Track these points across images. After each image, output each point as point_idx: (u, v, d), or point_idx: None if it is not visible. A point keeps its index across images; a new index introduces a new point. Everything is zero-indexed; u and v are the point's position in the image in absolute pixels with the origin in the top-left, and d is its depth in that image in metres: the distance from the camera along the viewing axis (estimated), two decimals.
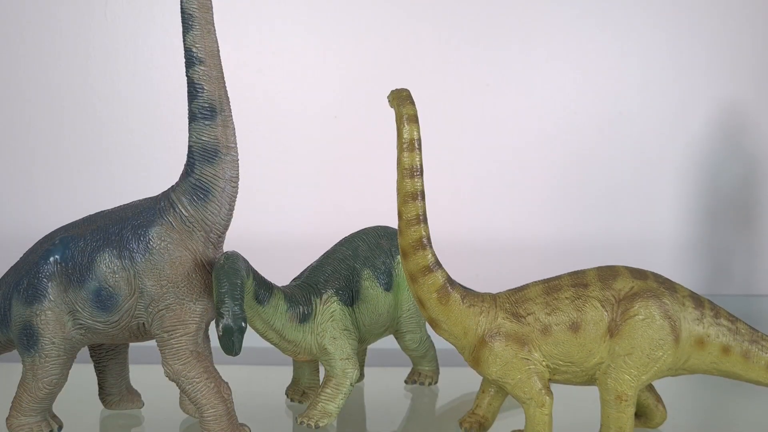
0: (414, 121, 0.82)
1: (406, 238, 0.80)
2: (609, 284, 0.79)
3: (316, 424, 0.87)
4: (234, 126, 0.79)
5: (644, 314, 0.77)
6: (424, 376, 1.06)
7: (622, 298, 0.78)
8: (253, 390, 1.01)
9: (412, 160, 0.81)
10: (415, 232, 0.80)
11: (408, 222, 0.80)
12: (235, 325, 0.74)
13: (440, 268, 0.81)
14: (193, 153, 0.78)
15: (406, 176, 0.81)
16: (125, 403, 0.92)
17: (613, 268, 0.82)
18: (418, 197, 0.81)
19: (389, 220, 1.04)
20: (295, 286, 0.91)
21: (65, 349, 0.79)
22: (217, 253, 0.81)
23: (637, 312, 0.77)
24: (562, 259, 1.63)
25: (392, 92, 0.85)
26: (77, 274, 0.78)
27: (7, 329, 0.82)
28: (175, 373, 0.78)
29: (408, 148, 0.81)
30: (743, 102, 1.66)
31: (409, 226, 0.80)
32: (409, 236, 0.80)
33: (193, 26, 0.76)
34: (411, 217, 0.80)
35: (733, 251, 1.69)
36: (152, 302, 0.77)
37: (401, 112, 0.82)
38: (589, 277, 0.80)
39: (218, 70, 0.78)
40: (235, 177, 0.79)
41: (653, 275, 0.82)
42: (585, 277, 0.80)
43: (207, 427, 0.79)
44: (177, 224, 0.78)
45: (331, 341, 0.89)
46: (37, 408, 0.80)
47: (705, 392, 1.06)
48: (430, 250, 0.80)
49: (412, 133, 0.82)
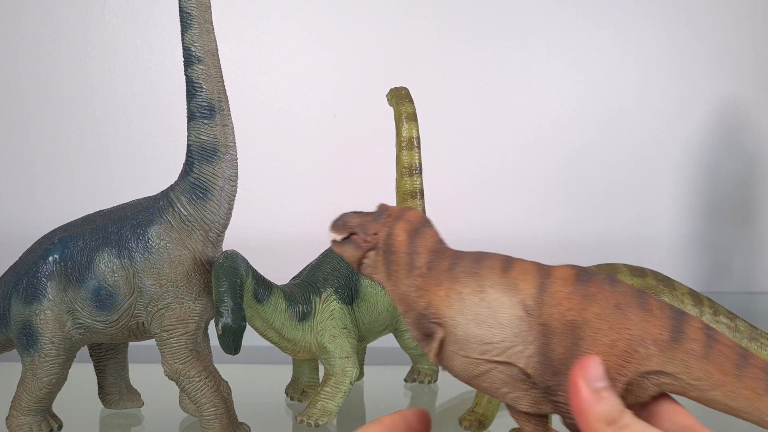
0: (413, 120, 0.82)
1: None
2: None
3: (315, 422, 0.87)
4: (233, 125, 0.79)
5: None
6: (424, 375, 1.06)
7: None
8: (252, 389, 1.01)
9: (411, 159, 0.81)
10: None
11: None
12: (235, 324, 0.74)
13: None
14: (192, 152, 0.78)
15: (405, 174, 0.81)
16: (125, 402, 0.92)
17: (612, 265, 0.83)
18: (417, 195, 0.81)
19: None
20: (294, 284, 0.91)
21: (65, 348, 0.79)
22: (216, 252, 0.81)
23: None
24: (561, 256, 1.63)
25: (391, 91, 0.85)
26: (76, 274, 0.78)
27: (7, 329, 0.82)
28: (174, 372, 0.78)
29: (407, 146, 0.81)
30: (742, 100, 1.66)
31: None
32: None
33: (191, 25, 0.76)
34: None
35: (732, 248, 1.70)
36: (151, 301, 0.77)
37: (400, 110, 0.82)
38: None
39: (217, 69, 0.78)
40: (234, 176, 0.79)
41: (652, 273, 0.82)
42: None
43: (207, 425, 0.79)
44: (176, 223, 0.78)
45: (330, 340, 0.89)
46: (37, 407, 0.80)
47: None
48: None
49: (410, 132, 0.82)
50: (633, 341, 0.52)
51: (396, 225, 0.58)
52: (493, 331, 0.53)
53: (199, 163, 0.78)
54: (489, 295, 0.54)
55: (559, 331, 0.53)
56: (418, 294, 0.56)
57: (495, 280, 0.54)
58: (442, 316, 0.54)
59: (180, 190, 0.79)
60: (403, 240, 0.57)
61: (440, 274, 0.55)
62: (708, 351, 0.52)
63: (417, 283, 0.56)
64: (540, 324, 0.53)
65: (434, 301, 0.55)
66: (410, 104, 0.83)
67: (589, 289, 0.53)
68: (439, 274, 0.55)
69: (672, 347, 0.52)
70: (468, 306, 0.54)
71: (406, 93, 0.84)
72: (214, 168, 0.78)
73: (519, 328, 0.53)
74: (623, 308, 0.52)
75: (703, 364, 0.52)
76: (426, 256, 0.56)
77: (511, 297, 0.54)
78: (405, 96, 0.83)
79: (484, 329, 0.53)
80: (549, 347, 0.53)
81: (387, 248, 0.57)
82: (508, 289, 0.54)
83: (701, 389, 0.52)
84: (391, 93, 0.84)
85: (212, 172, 0.78)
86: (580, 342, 0.52)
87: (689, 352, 0.52)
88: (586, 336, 0.52)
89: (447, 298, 0.54)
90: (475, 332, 0.54)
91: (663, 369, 0.52)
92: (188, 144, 0.78)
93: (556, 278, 0.54)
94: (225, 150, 0.78)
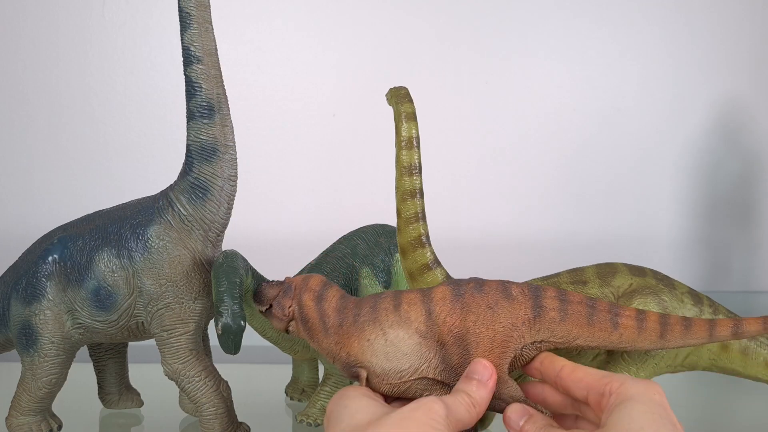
0: (412, 119, 0.82)
1: (405, 236, 0.80)
2: (608, 281, 0.79)
3: (315, 422, 0.87)
4: (232, 124, 0.79)
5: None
6: None
7: (621, 295, 0.78)
8: (252, 388, 1.01)
9: (411, 158, 0.81)
10: (414, 230, 0.80)
11: (407, 220, 0.80)
12: (235, 323, 0.73)
13: (439, 266, 0.81)
14: (191, 152, 0.78)
15: (405, 174, 0.81)
16: (124, 402, 0.92)
17: (612, 265, 0.82)
18: (417, 195, 0.80)
19: (388, 218, 1.04)
20: None
21: (64, 348, 0.79)
22: (215, 251, 0.81)
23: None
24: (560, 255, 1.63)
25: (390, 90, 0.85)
26: (76, 274, 0.78)
27: (7, 329, 0.81)
28: (174, 372, 0.78)
29: (407, 146, 0.81)
30: (741, 99, 1.66)
31: (408, 224, 0.80)
32: (408, 234, 0.80)
33: (191, 24, 0.76)
34: (410, 215, 0.80)
35: (731, 248, 1.70)
36: (151, 301, 0.77)
37: (399, 110, 0.82)
38: (588, 275, 0.80)
39: (216, 68, 0.78)
40: (233, 175, 0.79)
41: (652, 272, 0.82)
42: (584, 275, 0.80)
43: (206, 425, 0.79)
44: (176, 223, 0.78)
45: None
46: (37, 407, 0.80)
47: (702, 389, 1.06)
48: (429, 248, 0.80)
49: (410, 131, 0.82)
50: (506, 330, 0.67)
51: (303, 296, 0.71)
52: (402, 361, 0.68)
53: (198, 162, 0.78)
54: (389, 335, 0.68)
55: (450, 343, 0.67)
56: (338, 348, 0.69)
57: (391, 320, 0.68)
58: (361, 361, 0.68)
59: (179, 190, 0.79)
60: (312, 308, 0.70)
61: (349, 329, 0.69)
62: (563, 315, 0.68)
63: (334, 339, 0.69)
64: (435, 341, 0.68)
65: (351, 351, 0.68)
66: (410, 104, 0.82)
67: (464, 300, 0.68)
68: (348, 328, 0.69)
69: (537, 321, 0.68)
70: (377, 349, 0.68)
71: (405, 92, 0.84)
72: (213, 168, 0.78)
73: (420, 352, 0.68)
74: (493, 307, 0.67)
75: (561, 326, 0.68)
76: (334, 317, 0.70)
77: (407, 329, 0.68)
78: (405, 95, 0.83)
79: (394, 362, 0.68)
80: (447, 357, 0.67)
81: (301, 318, 0.71)
82: (403, 324, 0.68)
83: (566, 343, 0.68)
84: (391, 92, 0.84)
85: (212, 172, 0.78)
86: (468, 347, 0.67)
87: (550, 321, 0.68)
88: (471, 341, 0.67)
89: (360, 348, 0.68)
90: (389, 366, 0.68)
91: (534, 339, 0.68)
92: (188, 144, 0.78)
93: (437, 300, 0.68)
94: (224, 150, 0.78)
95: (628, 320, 0.68)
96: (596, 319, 0.68)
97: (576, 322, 0.68)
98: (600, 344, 0.69)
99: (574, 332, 0.68)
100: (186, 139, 0.78)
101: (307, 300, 0.71)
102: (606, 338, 0.69)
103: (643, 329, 0.68)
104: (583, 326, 0.68)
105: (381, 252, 0.96)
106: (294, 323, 0.72)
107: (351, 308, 0.70)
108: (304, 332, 0.71)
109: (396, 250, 0.96)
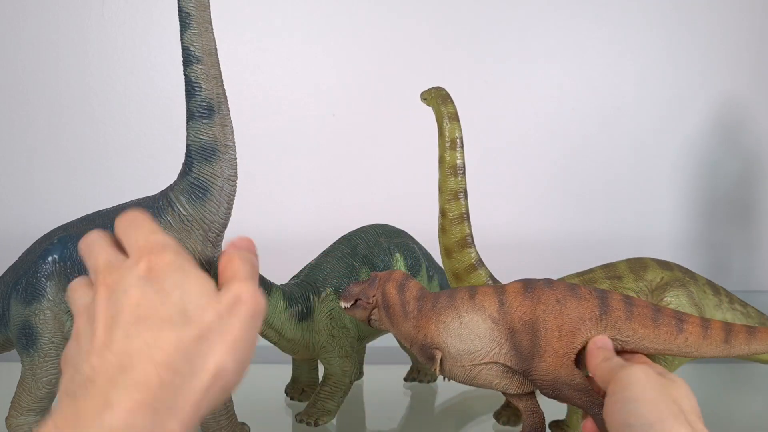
0: (455, 120, 0.83)
1: (450, 236, 0.82)
2: (641, 275, 0.82)
3: (315, 422, 0.87)
4: (232, 124, 0.79)
5: (676, 303, 0.80)
6: (424, 374, 1.06)
7: (654, 288, 0.81)
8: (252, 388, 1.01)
9: (455, 159, 0.82)
10: (460, 231, 0.81)
11: (453, 220, 0.81)
12: None
13: (483, 266, 0.82)
14: (191, 152, 0.78)
15: (450, 174, 0.82)
16: None
17: (641, 259, 0.85)
18: (462, 195, 0.82)
19: (388, 218, 1.04)
20: (293, 284, 0.91)
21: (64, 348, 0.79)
22: (215, 252, 0.81)
23: (670, 302, 0.80)
24: (559, 255, 1.63)
25: (430, 90, 0.86)
26: (76, 274, 0.78)
27: (6, 329, 0.81)
28: None
29: (451, 146, 0.83)
30: (741, 98, 1.66)
31: (454, 224, 0.81)
32: (455, 234, 0.81)
33: (190, 24, 0.76)
34: (456, 215, 0.81)
35: (731, 247, 1.70)
36: None
37: (442, 111, 0.83)
38: (621, 269, 0.83)
39: (216, 68, 0.78)
40: (233, 175, 0.79)
41: (676, 266, 0.86)
42: (617, 270, 0.83)
43: (206, 425, 0.79)
44: (175, 223, 0.78)
45: (329, 339, 0.89)
46: (37, 407, 0.80)
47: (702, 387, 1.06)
48: (474, 248, 0.82)
49: (454, 132, 0.83)
50: (574, 323, 0.70)
51: (387, 285, 0.76)
52: (474, 343, 0.72)
53: (198, 162, 0.78)
54: (464, 318, 0.72)
55: (521, 330, 0.71)
56: (416, 331, 0.74)
57: (467, 306, 0.73)
58: (437, 343, 0.73)
59: (179, 190, 0.79)
60: (395, 295, 0.76)
61: (428, 313, 0.73)
62: (629, 314, 0.71)
63: (413, 323, 0.74)
64: (507, 328, 0.71)
65: (429, 333, 0.73)
66: (452, 104, 0.84)
67: (535, 293, 0.72)
68: (427, 313, 0.74)
69: (603, 319, 0.70)
70: (453, 330, 0.72)
71: (446, 93, 0.85)
72: (213, 168, 0.78)
73: (492, 336, 0.72)
74: (561, 300, 0.71)
75: (627, 324, 0.71)
76: (414, 303, 0.75)
77: (481, 315, 0.72)
78: (446, 96, 0.84)
79: (468, 343, 0.72)
80: (518, 343, 0.71)
81: (385, 305, 0.76)
82: (477, 311, 0.72)
83: (633, 343, 0.71)
84: (432, 93, 0.85)
85: (211, 172, 0.78)
86: (538, 333, 0.70)
87: (617, 319, 0.71)
88: (540, 328, 0.70)
89: (437, 329, 0.73)
90: (463, 347, 0.72)
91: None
92: (187, 144, 0.78)
93: (509, 293, 0.72)
94: (224, 150, 0.78)
95: (693, 326, 0.71)
96: (661, 321, 0.71)
97: (641, 322, 0.70)
98: (666, 348, 0.71)
99: (640, 332, 0.70)
100: (186, 139, 0.78)
101: (390, 289, 0.76)
102: (671, 341, 0.71)
103: (708, 336, 0.71)
104: (649, 327, 0.70)
105: (381, 252, 0.96)
106: (377, 311, 0.77)
107: (429, 298, 0.75)
108: (386, 318, 0.76)
109: (396, 250, 0.96)
